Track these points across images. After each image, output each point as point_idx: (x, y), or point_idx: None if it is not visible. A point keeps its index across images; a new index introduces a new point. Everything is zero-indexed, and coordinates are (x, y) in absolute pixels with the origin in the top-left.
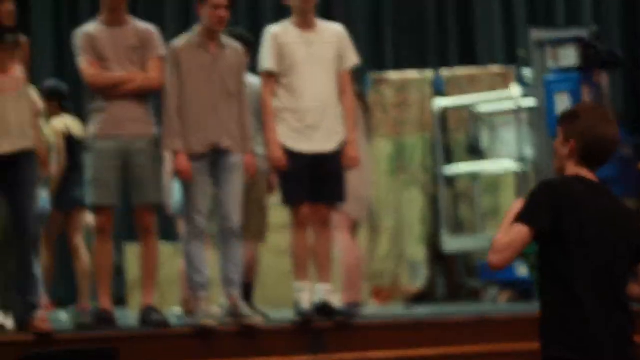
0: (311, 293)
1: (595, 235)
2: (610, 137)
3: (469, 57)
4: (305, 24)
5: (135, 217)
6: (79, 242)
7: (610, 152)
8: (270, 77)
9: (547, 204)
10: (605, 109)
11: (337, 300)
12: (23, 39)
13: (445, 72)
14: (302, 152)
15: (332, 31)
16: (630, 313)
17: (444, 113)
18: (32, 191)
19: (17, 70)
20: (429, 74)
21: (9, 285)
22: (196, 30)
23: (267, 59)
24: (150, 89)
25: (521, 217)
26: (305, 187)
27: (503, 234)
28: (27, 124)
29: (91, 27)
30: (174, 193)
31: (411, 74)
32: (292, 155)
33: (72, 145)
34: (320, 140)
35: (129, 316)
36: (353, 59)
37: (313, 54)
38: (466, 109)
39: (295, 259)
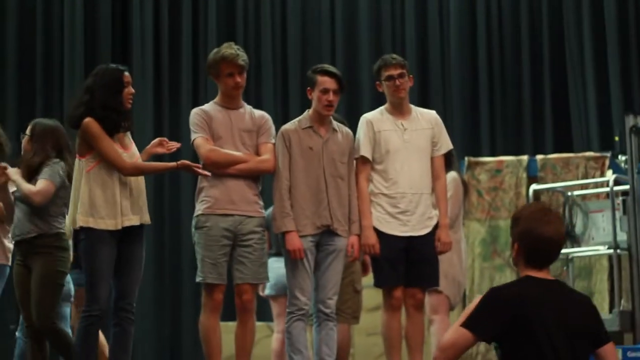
0: None
1: (548, 333)
2: (548, 237)
3: (564, 144)
4: (399, 112)
5: (237, 295)
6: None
7: (552, 251)
8: (366, 163)
9: (494, 313)
10: (546, 209)
11: None
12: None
13: (539, 157)
14: (396, 235)
15: (426, 117)
16: None
17: (538, 197)
18: (140, 263)
19: (134, 148)
20: (523, 158)
21: None
22: (307, 114)
23: (362, 146)
24: (263, 172)
25: (467, 323)
26: (398, 270)
27: (450, 333)
28: (145, 197)
29: (208, 107)
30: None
31: (506, 158)
32: (386, 239)
33: None
34: (414, 225)
35: None
36: (447, 144)
37: (407, 141)
38: (560, 193)
39: (387, 341)
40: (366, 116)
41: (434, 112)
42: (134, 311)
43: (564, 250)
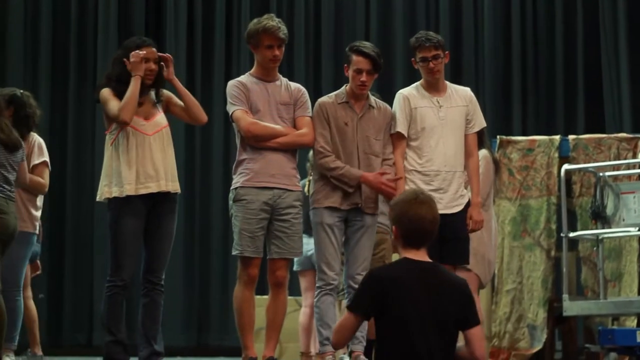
0: None
1: (416, 312)
2: (422, 216)
3: (596, 125)
4: (434, 88)
5: (271, 269)
6: (30, 293)
7: (426, 232)
8: (401, 139)
9: (369, 292)
10: (419, 192)
11: None
12: (165, 93)
13: (572, 137)
14: None
15: (461, 94)
16: None
17: (570, 177)
18: (169, 235)
19: (159, 117)
20: (555, 138)
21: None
22: (345, 88)
23: (398, 122)
24: (302, 145)
25: (348, 306)
26: (430, 248)
27: (341, 318)
28: (172, 166)
29: (245, 79)
30: None
31: (538, 137)
32: None
33: None
34: (446, 203)
35: None
36: (481, 122)
37: (443, 118)
38: (592, 174)
39: None
40: (402, 92)
41: (468, 89)
42: (163, 283)
43: (594, 231)
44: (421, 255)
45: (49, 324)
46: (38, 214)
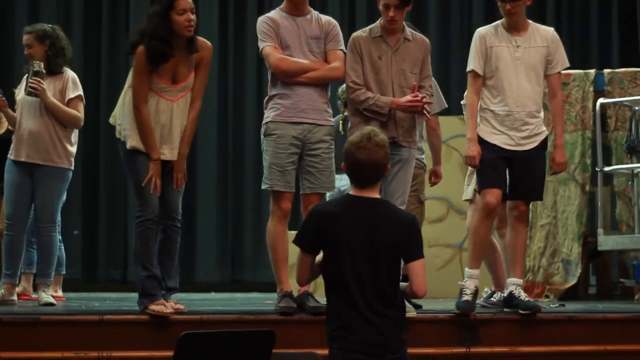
0: (477, 282)
1: (348, 246)
2: (359, 161)
3: (631, 59)
4: (514, 28)
5: (304, 204)
6: None
7: (365, 175)
8: (476, 77)
9: (309, 228)
10: (367, 136)
11: (524, 295)
12: (205, 44)
13: (607, 71)
14: (500, 146)
15: (543, 34)
16: (398, 312)
17: (605, 111)
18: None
19: (188, 80)
20: (590, 72)
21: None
22: (379, 22)
23: (473, 60)
24: (333, 79)
25: (295, 243)
26: (500, 174)
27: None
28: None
29: (274, 14)
30: None
31: (573, 71)
32: (490, 146)
33: None
34: (519, 140)
35: None
36: (564, 62)
37: (519, 58)
38: (627, 107)
39: (473, 246)
40: (480, 31)
41: (551, 29)
42: (180, 218)
43: (629, 165)
44: (365, 193)
45: (84, 260)
46: (73, 149)
